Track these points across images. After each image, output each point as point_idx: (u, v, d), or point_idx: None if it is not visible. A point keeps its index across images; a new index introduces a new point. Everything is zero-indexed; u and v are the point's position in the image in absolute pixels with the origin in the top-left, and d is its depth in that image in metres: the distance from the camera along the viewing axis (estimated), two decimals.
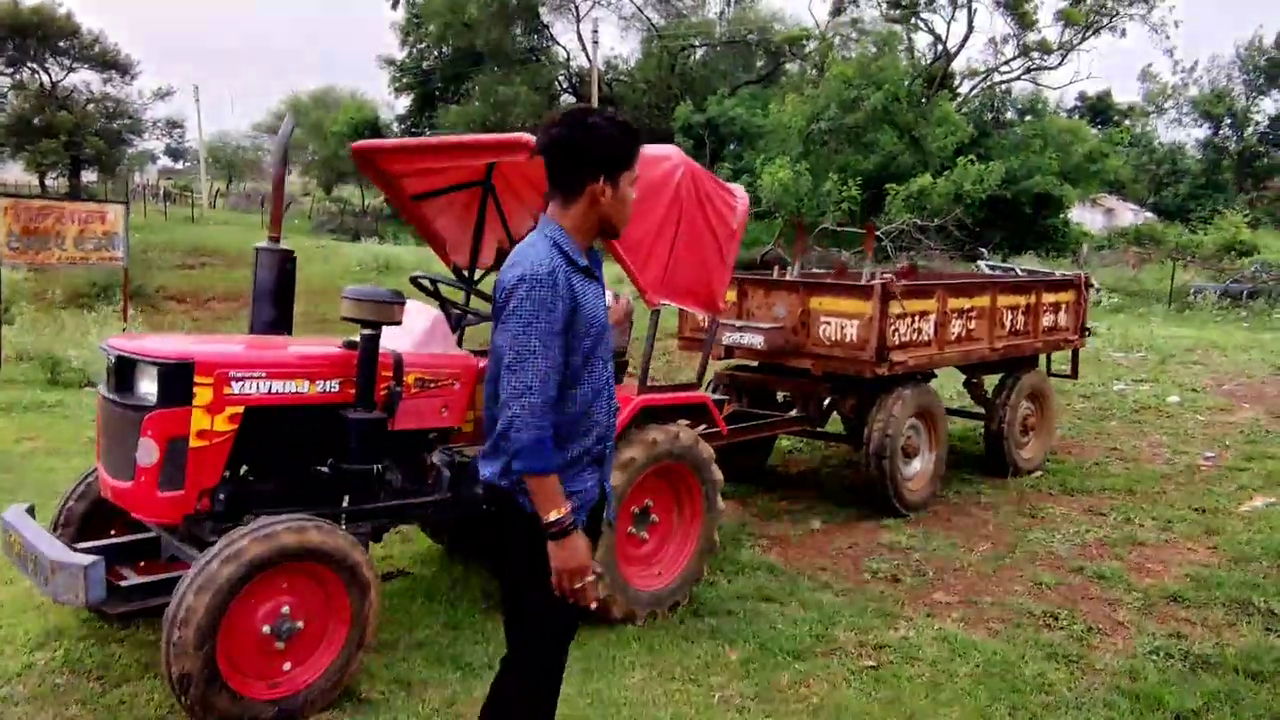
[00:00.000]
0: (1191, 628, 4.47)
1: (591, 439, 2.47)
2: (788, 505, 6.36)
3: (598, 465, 2.52)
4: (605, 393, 2.49)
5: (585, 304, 2.38)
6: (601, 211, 2.43)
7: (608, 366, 2.49)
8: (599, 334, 2.42)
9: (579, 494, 2.43)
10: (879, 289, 5.63)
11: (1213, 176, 50.79)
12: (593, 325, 2.40)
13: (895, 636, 4.30)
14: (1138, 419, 9.18)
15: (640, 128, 2.78)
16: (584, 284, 2.40)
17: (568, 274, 2.34)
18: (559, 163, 2.41)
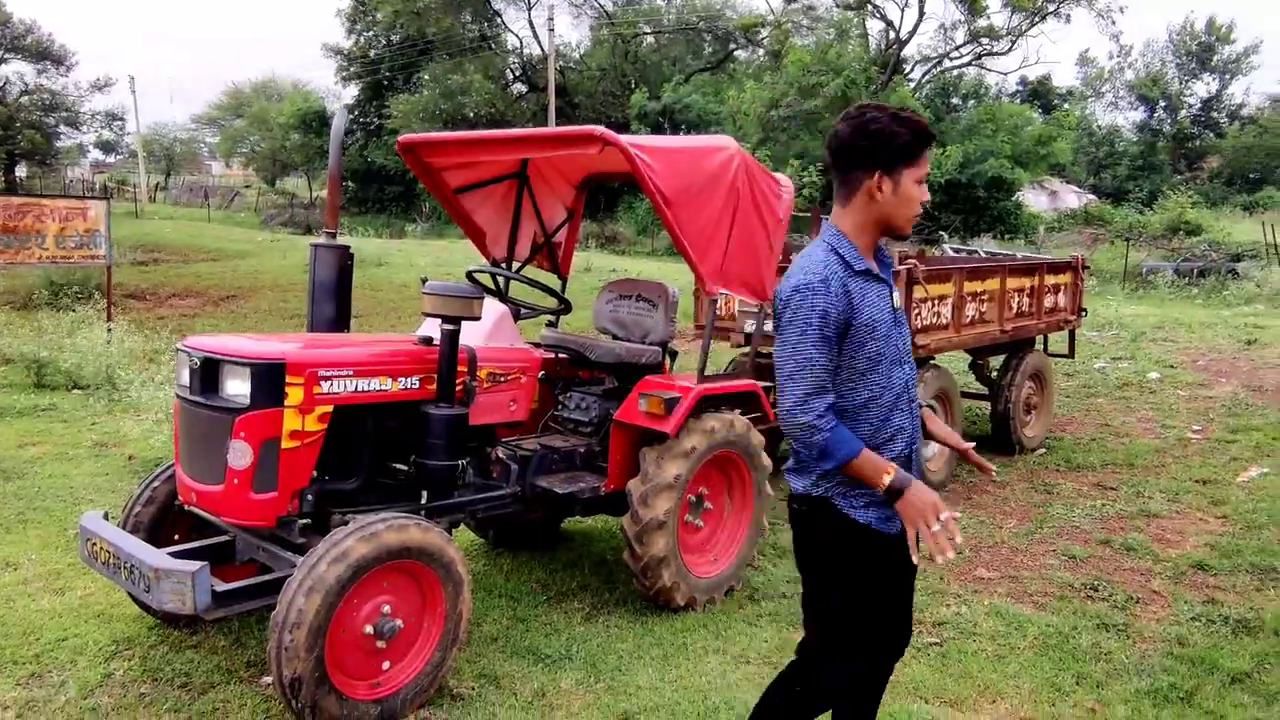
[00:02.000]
0: (1224, 594, 4.67)
1: (899, 444, 2.40)
2: None
3: (907, 466, 2.40)
4: (905, 395, 2.42)
5: (864, 308, 2.32)
6: (880, 209, 2.35)
7: (903, 368, 2.43)
8: (885, 336, 2.35)
9: (879, 494, 2.33)
10: (905, 274, 5.74)
11: (1149, 158, 52.23)
12: (876, 329, 2.33)
13: (950, 613, 4.42)
14: (1123, 395, 9.48)
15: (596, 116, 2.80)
16: (864, 287, 2.34)
17: (843, 280, 2.30)
18: (836, 160, 2.38)
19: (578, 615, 4.34)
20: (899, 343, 2.43)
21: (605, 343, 4.76)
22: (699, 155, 4.22)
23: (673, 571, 4.22)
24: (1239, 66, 54.02)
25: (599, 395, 4.73)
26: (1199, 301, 17.08)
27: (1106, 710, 3.56)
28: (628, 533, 4.21)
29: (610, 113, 37.90)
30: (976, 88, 35.75)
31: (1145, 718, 3.50)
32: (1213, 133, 56.17)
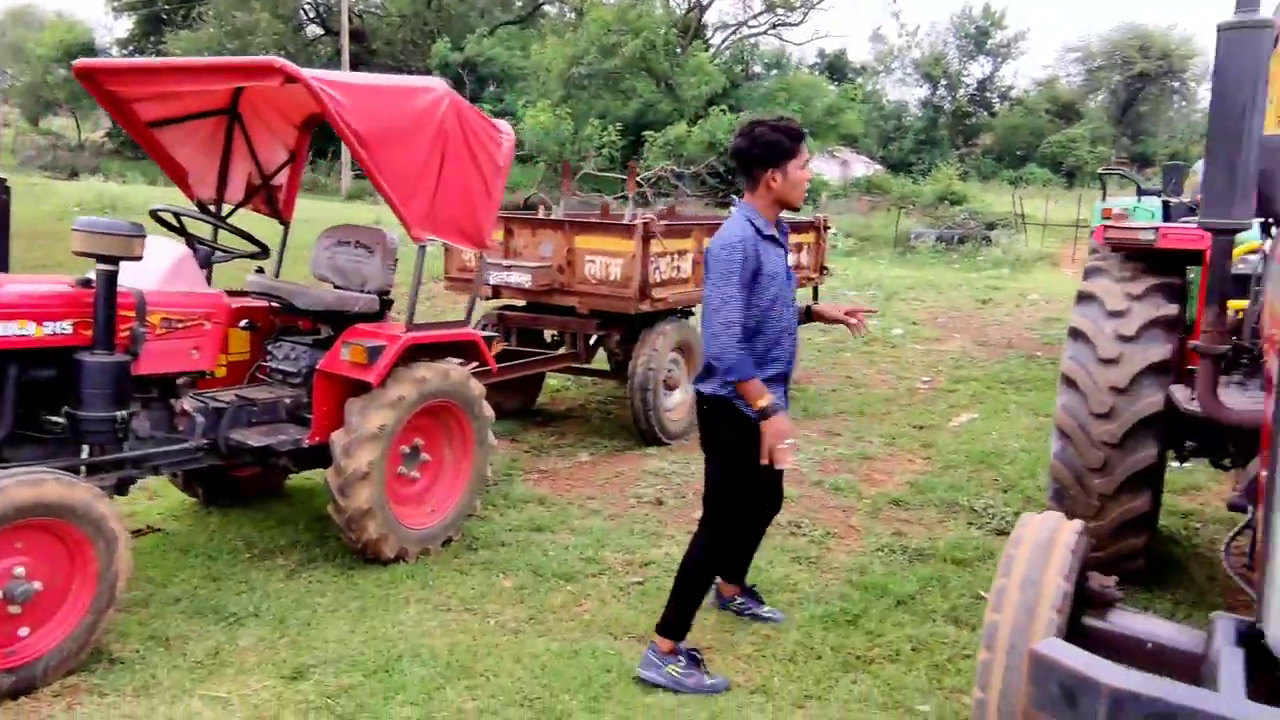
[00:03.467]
0: (910, 527, 5.10)
1: (780, 364, 3.36)
2: (557, 441, 6.53)
3: (784, 384, 3.42)
4: (786, 336, 3.37)
5: (766, 262, 3.23)
6: (776, 194, 3.28)
7: (788, 313, 3.37)
8: (780, 285, 3.28)
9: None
10: (641, 228, 5.85)
11: (931, 133, 55.87)
12: (774, 280, 3.26)
13: (660, 554, 4.59)
14: (868, 350, 10.15)
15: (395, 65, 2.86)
16: (768, 248, 3.26)
17: (755, 241, 3.20)
18: (740, 165, 3.37)
19: (280, 572, 4.19)
20: (788, 292, 3.37)
21: (313, 290, 4.57)
22: (401, 95, 4.08)
23: (379, 523, 4.14)
24: (1010, 51, 58.54)
25: (309, 345, 4.55)
26: (955, 265, 18.53)
27: (780, 634, 3.81)
28: (331, 485, 4.09)
29: (411, 62, 36.52)
30: (779, 58, 37.05)
31: (813, 640, 3.77)
32: (986, 111, 60.81)
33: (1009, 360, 9.67)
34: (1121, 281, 4.39)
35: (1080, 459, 4.19)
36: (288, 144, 5.11)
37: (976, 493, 5.63)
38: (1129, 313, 4.23)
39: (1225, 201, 2.66)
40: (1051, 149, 51.82)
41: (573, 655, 3.53)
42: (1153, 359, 4.09)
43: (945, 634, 3.86)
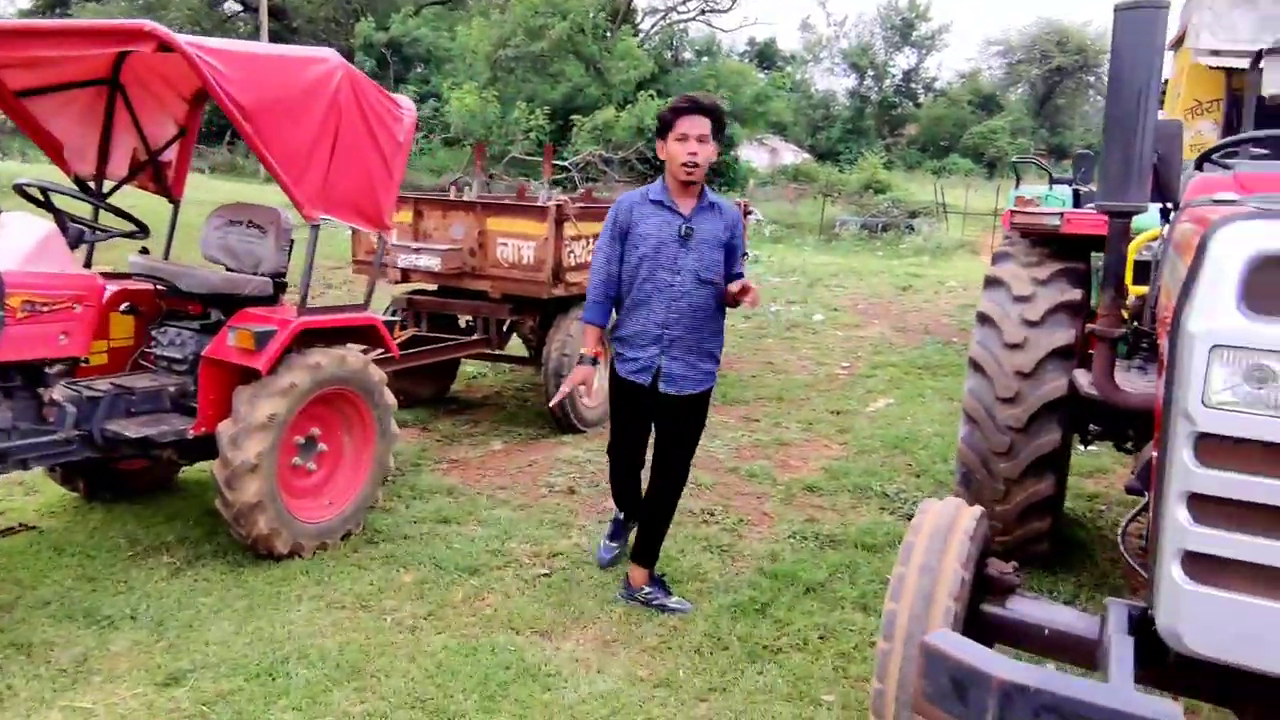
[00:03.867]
0: (823, 513, 5.08)
1: (650, 323, 3.59)
2: (470, 429, 6.36)
3: (657, 343, 3.62)
4: (665, 293, 3.56)
5: (640, 224, 3.57)
6: (668, 164, 3.56)
7: (668, 274, 3.55)
8: (654, 247, 3.53)
9: (638, 360, 3.66)
10: (553, 210, 5.70)
11: (859, 122, 56.65)
12: (645, 241, 3.54)
13: (568, 544, 4.47)
14: (790, 336, 10.18)
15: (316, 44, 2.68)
16: (649, 212, 3.58)
17: (634, 204, 3.61)
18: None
19: (163, 570, 3.96)
20: (668, 258, 3.53)
21: (200, 272, 4.32)
22: (289, 66, 3.86)
23: (271, 517, 3.94)
24: (934, 43, 59.58)
25: (196, 331, 4.30)
26: (879, 253, 18.76)
27: (687, 625, 3.73)
28: (217, 477, 3.86)
29: (333, 41, 35.50)
30: (708, 44, 37.03)
31: (720, 630, 3.70)
32: (911, 102, 61.89)
33: (926, 346, 9.78)
34: (1028, 266, 4.41)
35: (986, 443, 4.19)
36: (176, 118, 4.83)
37: (889, 478, 5.64)
38: (1034, 298, 4.25)
39: (1121, 184, 2.64)
40: (973, 140, 52.95)
41: (470, 653, 3.40)
42: (1057, 344, 4.12)
43: (853, 621, 3.82)
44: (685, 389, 3.68)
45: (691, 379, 3.68)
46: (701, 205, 3.58)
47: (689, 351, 3.64)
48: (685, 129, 3.45)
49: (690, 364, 3.65)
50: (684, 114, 3.46)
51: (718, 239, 3.61)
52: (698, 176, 3.52)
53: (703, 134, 3.47)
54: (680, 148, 3.46)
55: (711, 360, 3.74)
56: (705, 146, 3.49)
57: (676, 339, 3.59)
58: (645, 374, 3.64)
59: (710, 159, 3.55)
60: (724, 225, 3.64)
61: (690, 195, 3.58)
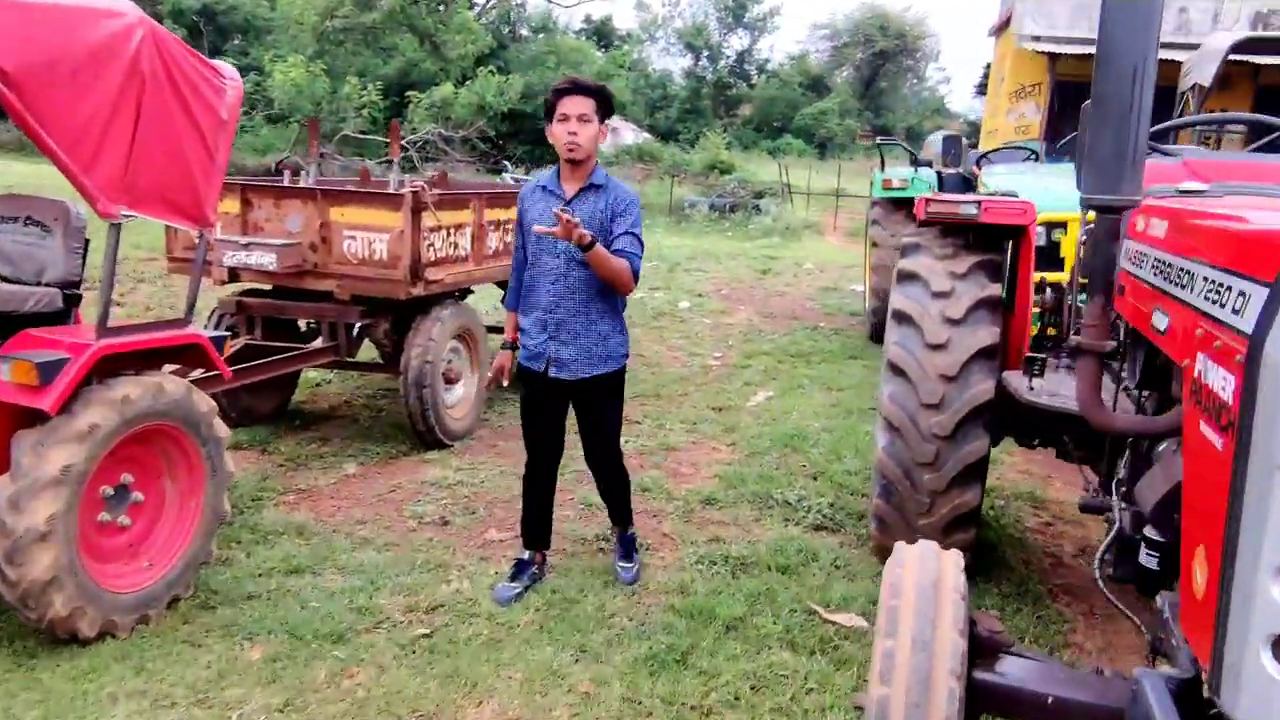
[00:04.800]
0: (727, 529, 4.64)
1: (539, 309, 3.58)
2: (318, 449, 5.56)
3: (544, 329, 3.59)
4: (547, 276, 3.54)
5: (530, 210, 3.58)
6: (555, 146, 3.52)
7: (550, 257, 3.52)
8: (538, 237, 3.46)
9: (530, 347, 3.64)
10: (409, 198, 4.98)
11: (696, 102, 57.21)
12: (530, 228, 3.51)
13: (449, 592, 3.84)
14: (657, 325, 9.75)
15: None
16: (537, 198, 3.59)
17: (528, 193, 3.64)
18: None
19: None
20: (554, 239, 3.38)
21: None
22: (70, 20, 3.00)
23: (70, 594, 3.12)
24: (766, 25, 60.76)
25: None
26: (729, 234, 18.66)
27: (602, 690, 3.19)
28: None
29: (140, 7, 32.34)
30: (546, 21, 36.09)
31: (640, 691, 3.19)
32: (745, 83, 63.02)
33: (795, 332, 9.58)
34: (943, 259, 4.08)
35: (909, 453, 3.85)
36: None
37: (787, 483, 5.28)
38: (954, 293, 3.93)
39: (1114, 176, 2.27)
40: (805, 121, 54.42)
41: None
42: (982, 343, 3.80)
43: (784, 664, 3.39)
44: (579, 372, 3.63)
45: (582, 362, 3.62)
46: (586, 187, 3.55)
47: (577, 335, 3.59)
48: (566, 109, 3.42)
49: (581, 348, 3.60)
50: (564, 95, 3.44)
51: (596, 219, 3.51)
52: (579, 155, 3.48)
53: (583, 113, 3.44)
54: (561, 129, 3.44)
55: (604, 343, 3.65)
56: (587, 126, 3.46)
57: (562, 322, 3.56)
58: (538, 360, 3.63)
59: (594, 139, 3.50)
60: (605, 204, 3.55)
61: (577, 178, 3.56)
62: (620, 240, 3.53)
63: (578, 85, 3.49)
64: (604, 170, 3.68)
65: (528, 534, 4.00)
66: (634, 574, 4.03)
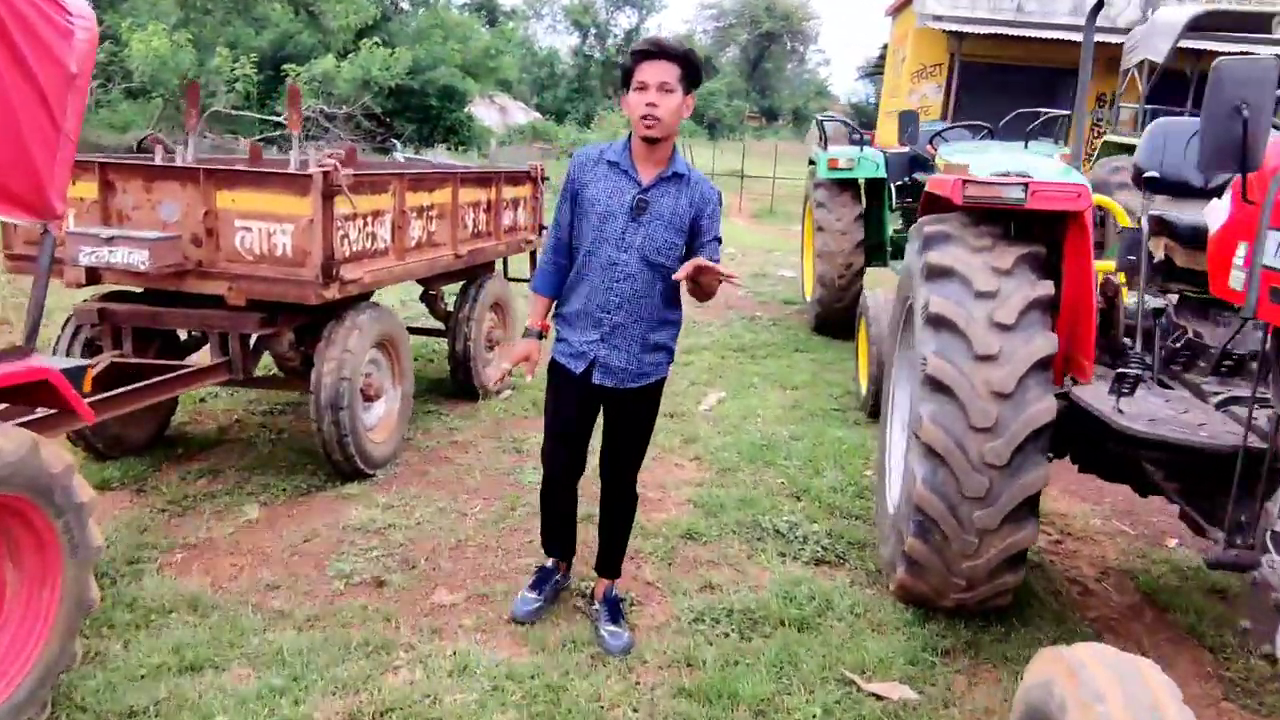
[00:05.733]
0: (719, 572, 3.94)
1: (591, 304, 3.07)
2: (208, 486, 4.57)
3: (596, 328, 3.09)
4: (608, 272, 3.02)
5: (591, 185, 3.05)
6: (630, 117, 3.00)
7: (613, 250, 3.01)
8: (603, 215, 3.01)
9: (574, 344, 3.14)
10: (319, 179, 4.05)
11: (584, 81, 56.40)
12: (595, 205, 3.02)
13: (398, 684, 3.00)
14: None
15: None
16: (604, 173, 3.05)
17: (587, 161, 3.10)
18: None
19: None
20: (621, 231, 3.00)
21: None
22: None
23: None
24: (653, 3, 60.19)
25: None
26: None
27: None
28: None
29: None
30: None
31: None
32: None
33: (733, 324, 8.94)
34: (980, 252, 3.46)
35: (956, 486, 3.22)
36: None
37: (771, 506, 4.62)
38: (1001, 293, 3.31)
39: None
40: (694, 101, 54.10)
41: None
42: (1040, 353, 3.20)
43: None
44: (625, 382, 3.16)
45: (631, 372, 3.16)
46: (665, 175, 3.03)
47: (632, 341, 3.11)
48: (645, 76, 2.90)
49: (632, 355, 3.13)
50: (645, 58, 2.91)
51: (677, 218, 3.03)
52: (658, 132, 2.94)
53: (665, 82, 2.90)
54: (638, 99, 2.92)
55: (658, 352, 3.20)
56: (669, 98, 2.91)
57: (618, 326, 3.08)
58: (580, 360, 3.13)
59: (677, 114, 2.95)
60: (688, 202, 3.05)
61: (654, 160, 3.03)
62: (708, 247, 3.06)
63: (662, 48, 2.92)
64: (683, 156, 3.15)
65: (550, 543, 3.60)
66: (626, 642, 3.33)
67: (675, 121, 2.96)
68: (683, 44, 3.00)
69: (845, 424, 6.08)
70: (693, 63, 2.96)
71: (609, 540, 3.49)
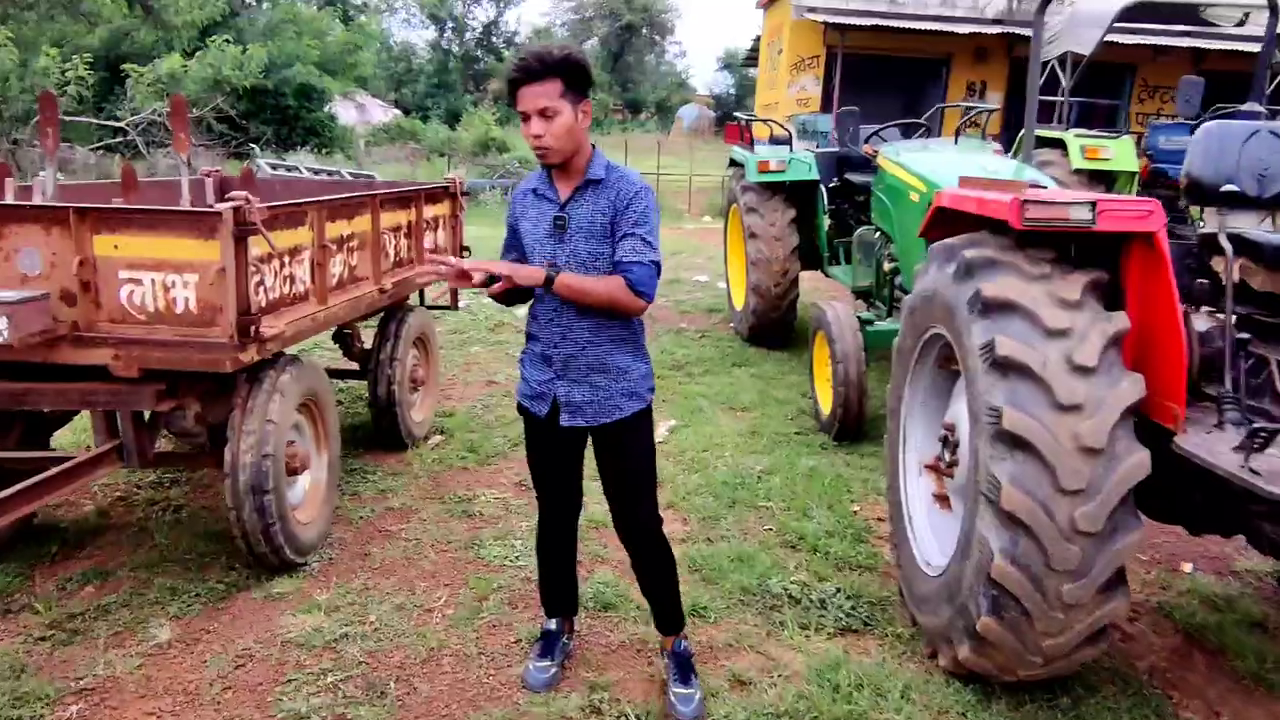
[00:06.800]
0: (741, 658, 3.39)
1: (540, 341, 2.87)
2: (98, 596, 3.69)
3: (549, 365, 2.85)
4: (547, 302, 2.81)
5: (522, 220, 2.88)
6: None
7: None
8: (531, 245, 2.82)
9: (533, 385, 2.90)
10: (230, 217, 3.25)
11: (443, 76, 54.93)
12: (526, 237, 2.85)
13: None
14: (499, 340, 8.24)
15: None
16: (529, 204, 2.86)
17: (519, 196, 2.91)
18: None
19: None
20: (551, 255, 2.77)
21: None
22: None
23: None
24: None
25: None
26: None
27: None
28: None
29: None
30: None
31: None
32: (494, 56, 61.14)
33: (660, 337, 8.39)
34: (1039, 280, 3.02)
35: (1045, 558, 2.78)
36: None
37: (773, 563, 4.11)
38: (1074, 331, 2.88)
39: None
40: None
41: None
42: (1128, 399, 2.78)
43: None
44: (598, 418, 2.86)
45: (598, 404, 2.85)
46: (582, 185, 2.77)
47: (590, 371, 2.83)
48: (523, 105, 2.64)
49: (594, 386, 2.84)
50: (517, 86, 2.62)
51: (596, 226, 2.76)
52: (553, 159, 2.70)
53: (544, 107, 2.61)
54: (525, 130, 2.68)
55: (624, 378, 2.85)
56: (556, 121, 2.63)
57: (569, 358, 2.82)
58: (541, 402, 2.90)
59: (570, 132, 2.65)
60: (607, 204, 2.76)
61: (570, 176, 2.79)
62: (622, 246, 2.73)
63: (527, 70, 2.59)
64: (605, 157, 2.84)
65: (550, 601, 3.31)
66: (697, 706, 3.04)
67: (572, 139, 2.67)
68: (556, 51, 2.64)
69: (812, 450, 5.64)
70: (573, 67, 2.62)
71: (655, 596, 3.16)
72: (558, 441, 2.95)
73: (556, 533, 3.17)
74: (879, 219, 6.52)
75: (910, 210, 5.81)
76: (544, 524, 3.17)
